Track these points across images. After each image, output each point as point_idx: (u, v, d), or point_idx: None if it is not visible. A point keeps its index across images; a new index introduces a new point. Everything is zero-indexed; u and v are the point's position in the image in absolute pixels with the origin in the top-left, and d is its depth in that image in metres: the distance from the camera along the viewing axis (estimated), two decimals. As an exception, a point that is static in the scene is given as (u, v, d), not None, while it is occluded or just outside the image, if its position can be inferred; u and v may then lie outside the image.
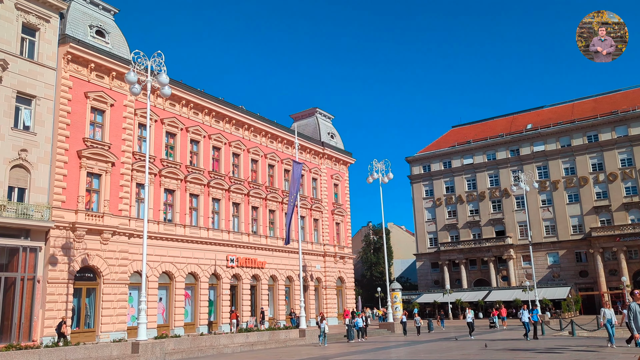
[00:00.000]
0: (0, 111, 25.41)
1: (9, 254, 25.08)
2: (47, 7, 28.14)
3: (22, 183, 26.11)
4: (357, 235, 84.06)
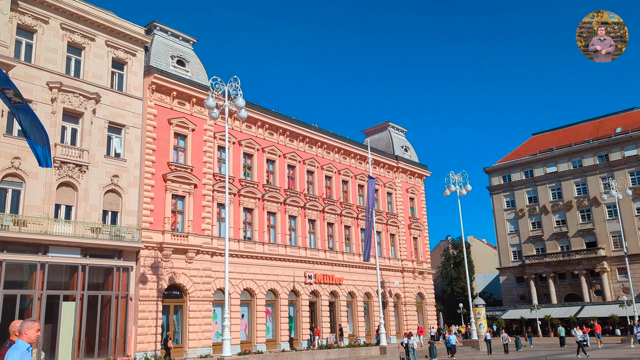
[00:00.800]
0: (94, 141, 27.49)
1: (105, 274, 26.85)
2: (134, 42, 30.26)
3: (114, 207, 27.97)
4: (435, 249, 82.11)
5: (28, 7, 25.97)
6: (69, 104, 26.54)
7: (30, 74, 25.50)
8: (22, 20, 25.75)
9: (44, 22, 26.59)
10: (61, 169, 25.72)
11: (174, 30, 33.43)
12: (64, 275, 25.36)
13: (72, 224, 25.53)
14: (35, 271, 24.01)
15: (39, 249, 24.17)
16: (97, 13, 28.70)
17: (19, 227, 23.58)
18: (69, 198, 26.16)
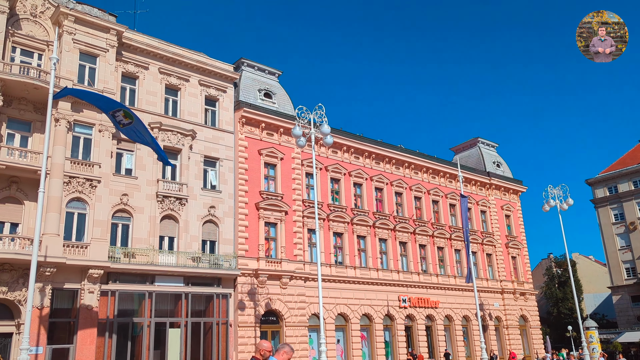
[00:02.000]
0: (192, 175, 29.16)
1: (206, 301, 28.09)
2: (224, 79, 32.03)
3: (212, 236, 29.34)
4: (536, 268, 77.29)
5: (130, 56, 28.41)
6: (168, 141, 28.46)
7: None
8: (125, 69, 28.18)
9: (145, 68, 28.91)
10: (163, 202, 27.48)
11: (260, 65, 34.95)
12: (169, 303, 26.84)
13: (175, 254, 27.08)
14: (144, 300, 25.64)
15: (146, 278, 25.84)
16: (190, 55, 30.76)
17: (128, 259, 25.40)
18: (172, 230, 27.83)
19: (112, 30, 26.93)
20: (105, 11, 27.34)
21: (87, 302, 23.58)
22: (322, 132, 23.91)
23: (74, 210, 24.41)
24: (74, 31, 25.85)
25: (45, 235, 21.99)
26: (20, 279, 21.96)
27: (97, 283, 24.02)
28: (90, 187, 24.82)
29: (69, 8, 25.68)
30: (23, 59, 24.94)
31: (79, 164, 24.73)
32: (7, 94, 23.16)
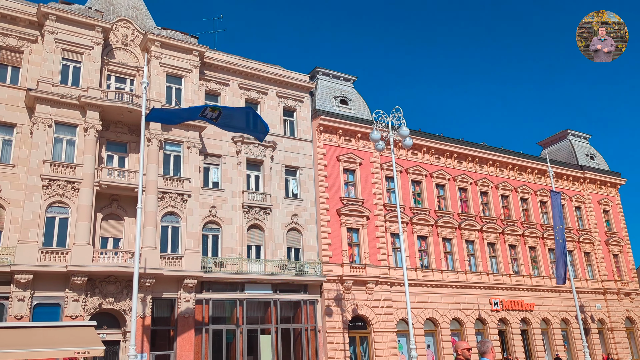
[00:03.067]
0: (274, 184, 29.96)
1: (294, 307, 28.66)
2: (300, 89, 32.70)
3: (296, 244, 29.92)
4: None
5: (212, 74, 29.77)
6: (250, 154, 29.45)
7: (218, 131, 28.92)
8: (208, 87, 29.57)
9: (225, 84, 30.18)
10: (249, 212, 28.44)
11: (335, 72, 35.29)
12: (259, 310, 27.68)
13: (262, 262, 27.92)
14: (236, 307, 26.63)
15: (236, 286, 26.82)
16: (268, 69, 31.71)
17: (219, 268, 26.51)
18: (258, 239, 28.72)
19: (194, 52, 28.40)
20: (188, 34, 28.88)
21: (183, 310, 24.88)
22: (400, 135, 23.71)
23: (168, 224, 25.88)
24: (161, 55, 27.53)
25: (144, 249, 23.49)
26: (124, 289, 23.60)
27: (192, 292, 25.27)
28: (181, 201, 26.22)
29: (155, 34, 27.41)
30: (117, 85, 26.90)
31: (170, 180, 26.22)
32: (105, 118, 25.08)
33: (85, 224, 23.10)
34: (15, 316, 21.09)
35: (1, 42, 24.39)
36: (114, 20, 27.26)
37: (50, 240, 22.88)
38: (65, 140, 24.27)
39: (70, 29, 25.31)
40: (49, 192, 23.05)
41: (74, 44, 25.33)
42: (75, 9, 25.79)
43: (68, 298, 22.33)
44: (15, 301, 21.28)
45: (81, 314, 22.43)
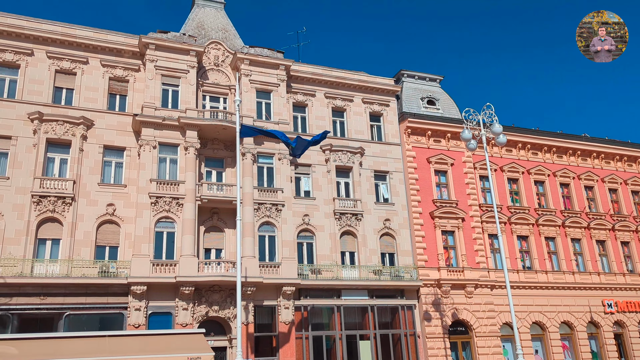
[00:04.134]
0: (364, 190, 30.07)
1: (391, 313, 28.52)
2: (386, 93, 32.66)
3: (390, 249, 29.78)
4: None
5: (299, 86, 30.58)
6: (339, 161, 29.81)
7: (307, 142, 29.68)
8: (295, 99, 30.39)
9: (312, 95, 30.85)
10: (341, 219, 28.76)
11: (420, 73, 34.83)
12: (357, 316, 27.82)
13: (356, 268, 28.09)
14: (333, 313, 26.99)
15: (333, 293, 27.19)
16: (352, 76, 32.00)
17: (315, 275, 27.04)
18: (351, 245, 28.94)
19: (280, 66, 29.36)
20: (274, 50, 29.91)
21: (284, 317, 25.64)
22: (493, 132, 22.88)
23: (264, 234, 26.85)
24: (250, 73, 28.75)
25: (244, 258, 24.54)
26: (227, 298, 24.78)
27: (291, 299, 25.98)
28: (276, 211, 27.11)
29: (243, 53, 28.69)
30: (212, 105, 28.44)
31: (264, 191, 27.21)
32: (202, 137, 26.60)
33: (190, 237, 24.59)
34: (133, 324, 22.88)
35: (110, 73, 26.72)
36: (206, 44, 28.90)
37: (160, 253, 24.59)
38: (168, 159, 26.05)
39: (168, 55, 27.19)
40: (156, 208, 24.83)
41: (171, 69, 27.18)
42: (171, 36, 27.69)
43: (178, 307, 23.85)
44: (133, 311, 23.09)
45: (190, 321, 23.86)
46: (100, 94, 26.26)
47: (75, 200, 23.99)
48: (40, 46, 25.68)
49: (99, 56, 26.66)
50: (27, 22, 25.61)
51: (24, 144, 24.07)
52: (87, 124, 25.24)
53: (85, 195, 24.35)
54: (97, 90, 26.25)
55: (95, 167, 24.99)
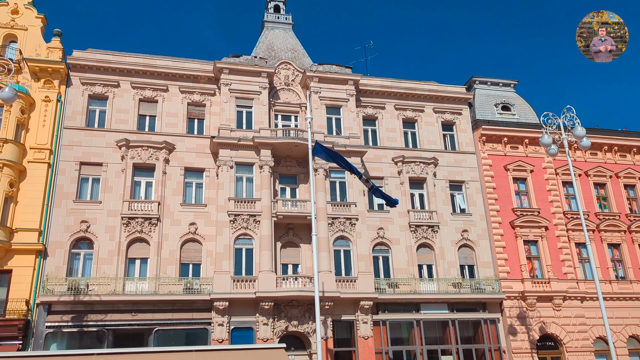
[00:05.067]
0: (440, 201, 29.47)
1: (473, 327, 27.59)
2: (457, 102, 32.02)
3: (469, 260, 28.91)
4: None
5: (368, 99, 30.69)
6: (412, 172, 29.48)
7: (379, 154, 29.62)
8: (365, 112, 30.50)
9: (381, 108, 30.84)
10: (417, 232, 28.33)
11: (493, 79, 33.87)
12: (437, 330, 27.15)
13: (435, 281, 27.48)
14: (413, 328, 26.50)
15: (411, 307, 26.74)
16: (422, 86, 31.68)
17: (393, 289, 26.74)
18: (428, 257, 28.39)
19: (349, 81, 29.62)
20: (342, 65, 30.26)
21: (362, 332, 25.51)
22: (575, 136, 21.72)
23: (340, 248, 26.97)
24: (319, 90, 29.23)
25: (321, 273, 24.73)
26: (306, 313, 25.05)
27: (369, 314, 25.82)
28: (350, 225, 27.18)
29: (312, 71, 29.26)
30: (283, 123, 29.16)
31: (338, 205, 27.39)
32: (276, 155, 27.29)
33: (267, 253, 25.18)
34: (217, 339, 23.67)
35: (188, 99, 28.15)
36: (276, 64, 29.75)
37: (240, 269, 25.35)
38: (244, 178, 26.92)
39: (241, 78, 28.26)
40: (235, 226, 25.67)
41: (245, 92, 28.20)
42: (243, 60, 28.77)
43: (259, 322, 24.41)
44: (216, 326, 23.90)
45: (271, 336, 24.31)
46: (180, 119, 27.70)
47: (160, 220, 25.33)
48: (125, 77, 27.54)
49: (177, 83, 28.19)
50: (113, 57, 27.60)
51: (114, 169, 25.81)
52: (169, 148, 26.67)
53: (169, 215, 25.65)
54: (177, 116, 27.72)
55: (177, 189, 26.29)
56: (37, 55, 26.35)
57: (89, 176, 25.66)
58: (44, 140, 25.22)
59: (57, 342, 22.56)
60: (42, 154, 25.00)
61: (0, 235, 22.69)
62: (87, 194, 25.43)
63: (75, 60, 26.81)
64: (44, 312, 22.37)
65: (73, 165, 25.41)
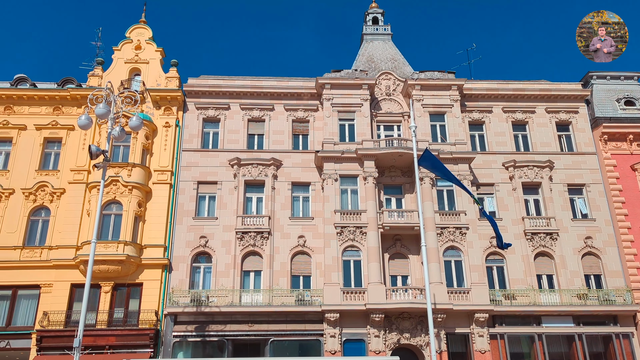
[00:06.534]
0: (557, 206, 27.56)
1: (603, 342, 25.35)
2: (572, 100, 29.90)
3: (594, 269, 26.67)
4: None
5: (474, 104, 29.67)
6: (525, 177, 27.91)
7: (487, 160, 28.45)
8: (471, 117, 29.50)
9: (488, 111, 29.64)
10: (533, 240, 26.71)
11: (613, 72, 31.12)
12: (562, 345, 25.27)
13: (556, 292, 25.67)
14: (534, 342, 24.89)
15: (531, 320, 25.16)
16: (532, 86, 30.01)
17: (510, 301, 25.37)
18: (547, 267, 26.61)
19: (453, 87, 28.87)
20: (444, 71, 29.58)
21: (478, 346, 24.44)
22: None
23: (450, 258, 26.18)
24: (422, 97, 28.80)
25: (431, 284, 24.14)
26: (417, 325, 24.57)
27: (485, 327, 24.70)
28: (460, 234, 26.31)
29: (414, 79, 28.94)
30: (386, 133, 29.07)
31: (446, 214, 26.66)
32: (379, 165, 27.26)
33: (375, 265, 25.12)
34: (330, 351, 23.96)
35: (293, 116, 29.10)
36: (377, 75, 29.83)
37: (349, 281, 25.52)
38: (349, 190, 27.17)
39: (342, 92, 28.70)
40: (342, 238, 25.95)
41: (347, 105, 28.59)
42: (344, 74, 29.22)
43: (370, 334, 24.35)
44: (329, 337, 24.21)
45: (383, 349, 24.12)
46: (286, 136, 28.70)
47: (271, 234, 26.32)
48: (235, 100, 29.15)
49: (282, 102, 29.28)
50: (223, 81, 29.37)
51: (227, 187, 27.32)
52: (277, 164, 27.70)
53: (279, 229, 26.57)
54: (282, 133, 28.76)
55: (285, 203, 27.18)
56: (158, 85, 28.79)
57: (205, 194, 27.38)
58: (165, 162, 27.39)
59: (182, 350, 24.20)
60: (164, 175, 27.14)
61: (133, 251, 24.91)
62: (205, 210, 27.13)
63: (190, 87, 28.90)
64: (171, 322, 24.12)
65: (191, 185, 27.28)
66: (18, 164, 26.85)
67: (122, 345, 23.50)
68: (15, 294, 24.77)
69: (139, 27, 30.47)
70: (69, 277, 24.70)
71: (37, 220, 26.15)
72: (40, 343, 23.34)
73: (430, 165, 21.69)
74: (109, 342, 23.53)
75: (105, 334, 23.65)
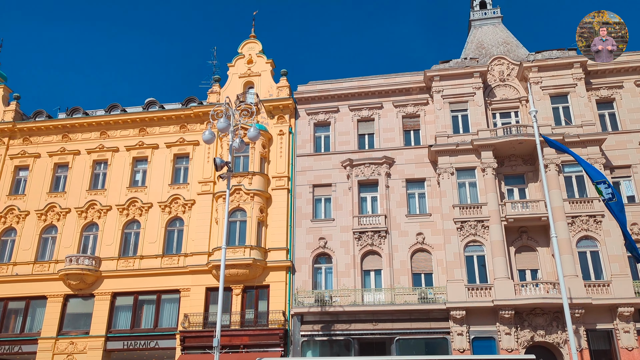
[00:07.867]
0: None
1: None
2: None
3: None
4: None
5: (600, 81, 27.20)
6: (668, 156, 24.98)
7: (621, 140, 25.95)
8: (598, 95, 27.08)
9: (619, 87, 27.01)
10: (684, 225, 23.79)
11: None
12: None
13: None
14: (694, 340, 22.12)
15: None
16: (668, 54, 26.80)
17: None
18: None
19: (575, 64, 26.71)
20: (564, 49, 27.48)
21: (624, 342, 22.31)
22: None
23: (584, 249, 24.21)
24: (540, 79, 26.99)
25: (565, 278, 22.41)
26: (552, 321, 23.00)
27: (630, 321, 22.50)
28: (594, 222, 24.25)
29: (530, 61, 27.21)
30: (503, 121, 27.65)
31: (576, 202, 24.70)
32: (498, 155, 25.96)
33: (501, 259, 23.95)
34: (458, 349, 23.26)
35: (402, 112, 28.77)
36: (489, 61, 28.49)
37: (473, 277, 24.60)
38: (467, 183, 26.22)
39: (453, 83, 27.81)
40: (462, 233, 25.10)
41: (458, 95, 27.66)
42: (453, 64, 28.31)
43: (500, 332, 23.25)
44: (456, 335, 23.52)
45: (515, 347, 22.91)
46: (397, 133, 28.44)
47: (388, 232, 26.21)
48: (343, 102, 29.51)
49: (390, 99, 29.07)
50: (331, 85, 29.88)
51: (341, 188, 27.70)
52: (389, 162, 27.54)
53: (396, 227, 26.39)
54: (393, 130, 28.53)
55: (401, 201, 26.91)
56: (270, 95, 30.05)
57: (321, 197, 28.01)
58: (282, 169, 28.47)
59: (310, 349, 24.93)
60: (282, 181, 28.22)
61: (258, 255, 26.20)
62: (322, 212, 27.75)
63: (300, 94, 29.79)
64: (298, 322, 24.98)
65: (307, 189, 28.05)
66: (154, 180, 29.50)
67: (254, 344, 24.80)
68: (160, 299, 27.20)
69: (249, 42, 32.04)
70: (203, 281, 26.60)
71: (173, 230, 28.52)
72: (183, 343, 25.40)
73: (556, 146, 20.17)
74: (242, 341, 24.96)
75: (239, 334, 25.10)
